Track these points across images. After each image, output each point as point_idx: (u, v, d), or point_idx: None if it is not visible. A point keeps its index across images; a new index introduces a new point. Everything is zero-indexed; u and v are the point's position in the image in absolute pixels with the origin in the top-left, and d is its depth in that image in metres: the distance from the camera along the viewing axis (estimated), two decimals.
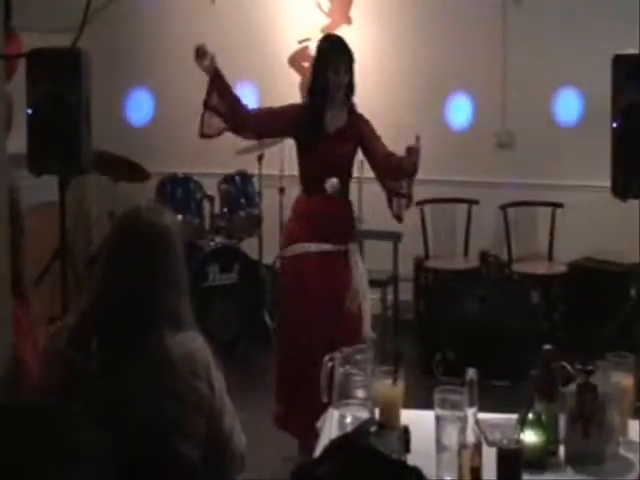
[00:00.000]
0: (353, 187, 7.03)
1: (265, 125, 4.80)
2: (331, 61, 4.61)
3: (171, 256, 2.43)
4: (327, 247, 4.63)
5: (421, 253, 6.97)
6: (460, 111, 7.05)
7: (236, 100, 4.78)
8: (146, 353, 2.33)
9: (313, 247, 4.63)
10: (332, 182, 4.57)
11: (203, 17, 7.49)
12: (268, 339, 6.56)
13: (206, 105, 4.79)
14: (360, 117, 4.75)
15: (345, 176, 4.70)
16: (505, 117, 7.01)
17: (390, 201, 4.67)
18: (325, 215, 4.63)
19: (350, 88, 4.69)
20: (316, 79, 4.68)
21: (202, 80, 7.49)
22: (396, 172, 4.53)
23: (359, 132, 4.69)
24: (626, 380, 2.68)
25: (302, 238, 4.66)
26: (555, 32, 6.81)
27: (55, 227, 5.50)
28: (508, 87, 6.97)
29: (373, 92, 7.08)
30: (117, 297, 2.39)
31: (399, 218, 4.73)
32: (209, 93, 4.78)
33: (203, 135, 4.88)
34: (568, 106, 6.79)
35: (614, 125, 4.83)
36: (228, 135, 7.20)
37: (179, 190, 6.65)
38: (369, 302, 4.86)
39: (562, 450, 2.56)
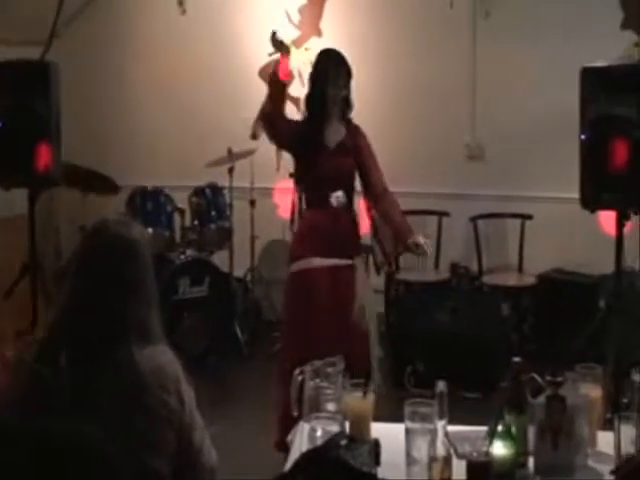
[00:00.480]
0: None
1: (285, 132, 4.75)
2: (329, 75, 4.60)
3: (140, 269, 2.41)
4: (332, 261, 4.60)
5: (392, 265, 6.98)
6: (430, 124, 7.08)
7: (280, 104, 4.78)
8: (115, 367, 2.32)
9: (318, 262, 4.59)
10: (337, 195, 4.60)
11: (173, 30, 7.51)
12: (239, 352, 6.55)
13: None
14: (357, 129, 4.76)
15: (349, 189, 4.69)
16: (475, 129, 7.05)
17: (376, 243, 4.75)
18: (330, 229, 4.61)
19: (347, 103, 4.70)
20: (314, 93, 4.68)
21: (170, 93, 7.53)
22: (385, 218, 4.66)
23: (356, 144, 4.69)
24: (594, 391, 2.69)
25: (307, 253, 4.62)
26: (523, 45, 6.85)
27: (24, 241, 5.47)
28: (478, 100, 7.01)
29: None
30: (85, 311, 2.37)
31: (377, 270, 4.84)
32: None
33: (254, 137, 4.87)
34: (537, 118, 6.83)
35: (582, 137, 4.88)
36: (197, 147, 7.25)
37: (149, 203, 6.62)
38: (375, 318, 4.86)
39: (531, 462, 2.57)
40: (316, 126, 4.65)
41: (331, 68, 4.62)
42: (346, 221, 4.68)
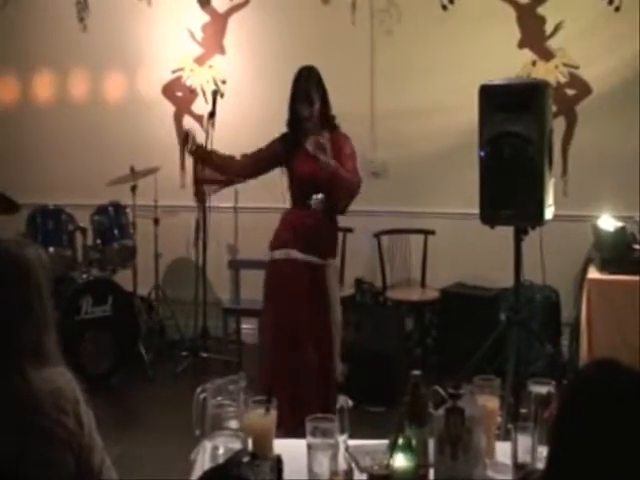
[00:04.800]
0: (229, 217, 7.07)
1: (254, 167, 5.16)
2: (298, 94, 4.97)
3: (32, 291, 2.36)
4: (308, 258, 4.94)
5: None
6: None
7: (225, 160, 5.20)
8: (8, 391, 2.27)
9: (295, 254, 4.95)
10: (316, 198, 4.92)
11: (75, 46, 7.43)
12: (144, 372, 6.48)
13: (201, 181, 5.32)
14: (340, 135, 5.07)
15: (331, 193, 4.93)
16: (378, 146, 7.11)
17: None
18: (307, 228, 4.96)
19: (326, 115, 5.04)
20: (289, 111, 5.05)
21: (73, 111, 7.45)
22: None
23: (337, 148, 4.95)
24: (491, 403, 2.74)
25: (288, 245, 4.98)
26: (424, 63, 6.95)
27: None
28: (381, 117, 7.08)
29: (245, 120, 7.12)
30: None
31: None
32: (200, 171, 5.25)
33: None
34: (439, 135, 6.93)
35: (481, 154, 4.98)
36: (99, 165, 7.18)
37: (50, 222, 6.51)
38: (339, 325, 5.09)
39: (432, 473, 2.59)
40: (292, 139, 5.04)
41: (299, 87, 4.98)
42: (323, 223, 4.98)
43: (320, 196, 4.91)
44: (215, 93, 6.69)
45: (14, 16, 7.48)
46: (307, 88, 4.95)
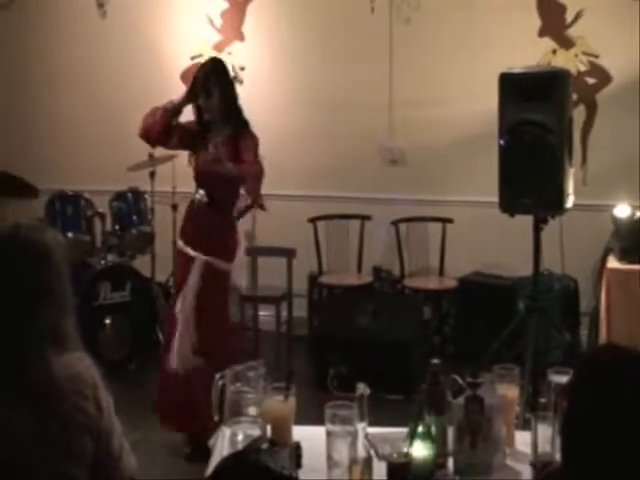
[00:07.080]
0: None
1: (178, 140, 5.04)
2: (197, 85, 4.87)
3: (51, 274, 2.36)
4: (187, 249, 4.94)
5: (315, 269, 7.00)
6: (351, 128, 7.10)
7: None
8: (27, 376, 2.28)
9: (180, 244, 5.04)
10: (199, 194, 4.97)
11: (94, 33, 7.43)
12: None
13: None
14: (247, 134, 4.93)
15: (214, 190, 4.91)
16: (396, 134, 7.09)
17: None
18: (189, 222, 5.04)
19: (229, 109, 4.89)
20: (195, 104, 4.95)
21: (91, 97, 7.46)
22: None
23: (236, 148, 4.88)
24: (511, 392, 2.73)
25: (181, 237, 5.09)
26: (443, 51, 6.92)
27: None
28: (399, 104, 7.06)
29: (263, 107, 7.11)
30: None
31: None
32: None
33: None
34: (457, 123, 6.91)
35: (501, 142, 4.97)
36: (118, 151, 7.18)
37: (69, 207, 6.53)
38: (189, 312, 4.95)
39: (451, 462, 2.59)
40: (200, 131, 4.94)
41: (200, 78, 4.86)
42: (204, 219, 4.94)
43: (202, 192, 4.94)
44: (234, 80, 6.71)
45: (35, 2, 7.49)
46: (205, 79, 4.84)
